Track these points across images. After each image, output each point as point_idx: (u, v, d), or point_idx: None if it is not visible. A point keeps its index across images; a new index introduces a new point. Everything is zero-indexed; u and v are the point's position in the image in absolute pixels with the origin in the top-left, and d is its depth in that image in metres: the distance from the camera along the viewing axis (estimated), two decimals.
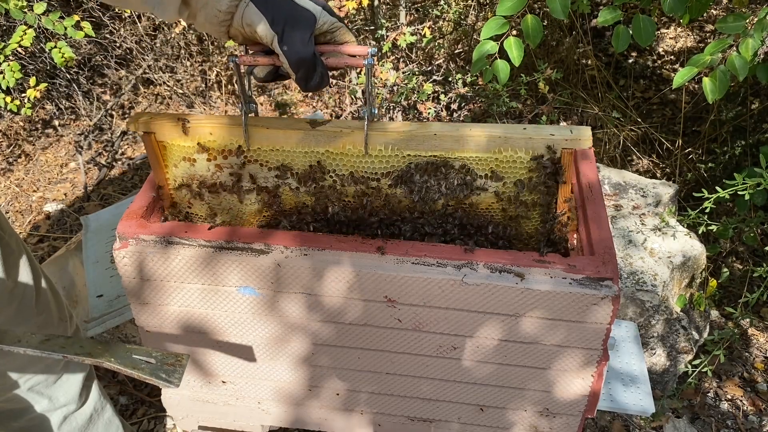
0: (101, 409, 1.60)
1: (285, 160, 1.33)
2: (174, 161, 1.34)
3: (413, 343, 1.34)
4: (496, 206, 1.35)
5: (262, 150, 1.31)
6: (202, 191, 1.38)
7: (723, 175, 3.09)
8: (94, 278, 2.22)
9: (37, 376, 1.41)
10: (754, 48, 1.73)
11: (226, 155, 1.33)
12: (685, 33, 4.06)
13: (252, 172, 1.35)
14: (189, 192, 1.38)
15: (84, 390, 1.54)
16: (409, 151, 1.28)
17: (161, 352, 1.09)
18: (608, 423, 2.23)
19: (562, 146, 1.24)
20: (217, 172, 1.35)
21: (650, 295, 2.09)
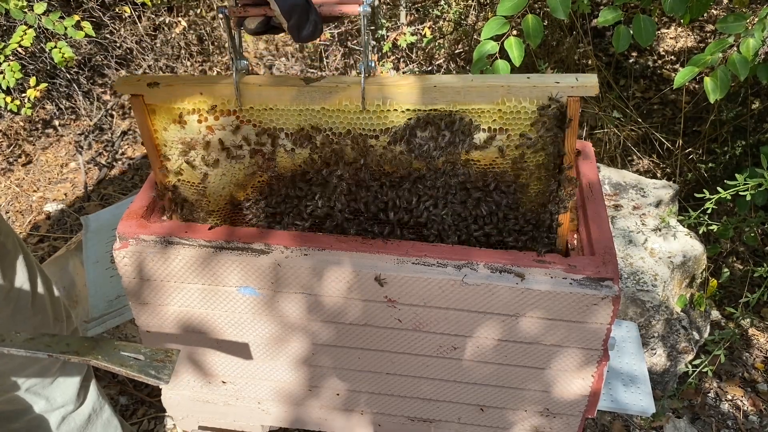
0: (99, 409, 1.60)
1: (279, 120, 1.25)
2: (164, 124, 1.28)
3: (413, 343, 1.34)
4: (499, 162, 1.27)
5: (254, 110, 1.24)
6: (193, 154, 1.31)
7: (723, 175, 3.08)
8: (94, 278, 2.22)
9: (34, 377, 1.40)
10: (755, 48, 1.73)
11: (218, 116, 1.26)
12: (685, 33, 4.06)
13: (245, 133, 1.28)
14: (180, 156, 1.31)
15: (82, 390, 1.53)
16: (408, 106, 1.20)
17: (150, 348, 1.06)
18: (608, 423, 2.23)
19: (567, 94, 1.16)
20: (209, 135, 1.28)
21: (650, 296, 2.09)
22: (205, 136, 1.27)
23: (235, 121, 1.25)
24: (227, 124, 1.26)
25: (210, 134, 1.27)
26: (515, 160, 1.25)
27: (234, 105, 1.23)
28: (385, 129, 1.23)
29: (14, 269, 1.35)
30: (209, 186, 1.34)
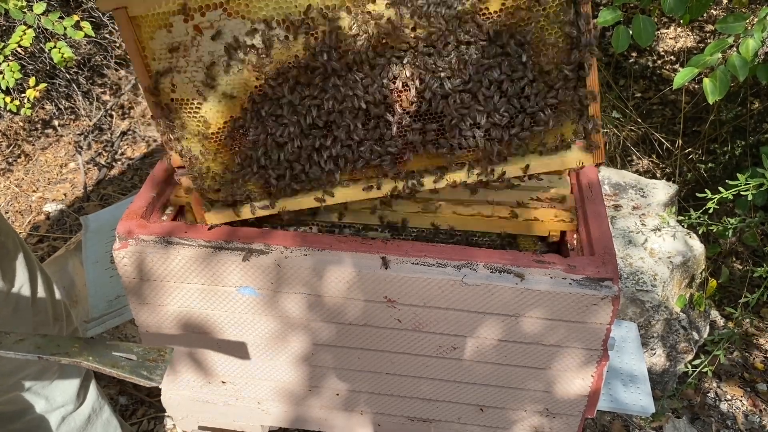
0: (99, 409, 1.60)
1: (269, 6, 1.17)
2: (150, 34, 1.20)
3: (413, 343, 1.34)
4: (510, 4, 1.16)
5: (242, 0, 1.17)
6: (182, 59, 1.22)
7: (723, 175, 3.08)
8: (94, 278, 2.22)
9: (33, 377, 1.40)
10: (755, 48, 1.73)
11: (204, 11, 1.18)
12: (684, 33, 4.06)
13: (234, 31, 1.19)
14: (169, 64, 1.22)
15: (82, 390, 1.53)
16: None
17: (143, 347, 1.03)
18: (608, 423, 2.23)
19: None
20: (197, 36, 1.20)
21: (650, 296, 2.09)
22: (194, 37, 1.20)
23: (223, 15, 1.18)
24: (214, 19, 1.19)
25: (198, 34, 1.20)
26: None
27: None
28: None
29: (14, 269, 1.35)
30: (205, 101, 1.26)
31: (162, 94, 1.25)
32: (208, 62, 1.22)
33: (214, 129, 1.28)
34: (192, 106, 1.26)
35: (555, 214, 1.38)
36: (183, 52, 1.21)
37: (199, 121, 1.27)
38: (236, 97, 1.25)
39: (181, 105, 1.26)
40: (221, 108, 1.26)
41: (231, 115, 1.26)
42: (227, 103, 1.26)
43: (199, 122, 1.27)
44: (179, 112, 1.27)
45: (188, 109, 1.26)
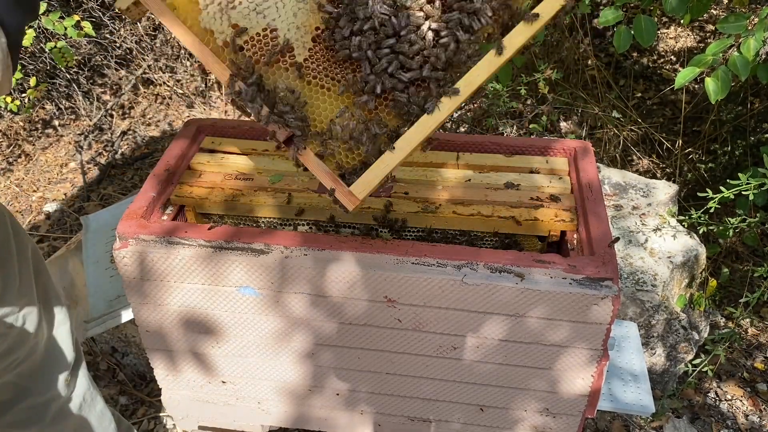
0: (91, 401, 1.58)
1: None
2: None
3: (413, 343, 1.34)
4: None
5: None
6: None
7: (723, 175, 3.08)
8: (94, 278, 2.21)
9: (18, 366, 1.38)
10: (756, 48, 1.73)
11: None
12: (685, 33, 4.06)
13: None
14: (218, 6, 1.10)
15: (71, 379, 1.51)
16: None
17: None
18: (608, 423, 2.23)
19: None
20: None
21: (650, 295, 2.09)
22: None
23: None
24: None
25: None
26: None
27: None
28: None
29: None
30: (278, 20, 1.11)
31: (225, 49, 1.09)
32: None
33: (305, 53, 1.12)
34: (268, 38, 1.11)
35: (555, 214, 1.38)
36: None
37: (284, 50, 1.11)
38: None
39: (256, 46, 1.11)
40: (301, 20, 1.11)
41: (316, 26, 1.11)
42: (304, 10, 1.11)
43: (287, 60, 1.11)
44: (257, 59, 1.10)
45: (266, 45, 1.11)
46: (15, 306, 1.32)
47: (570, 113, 3.57)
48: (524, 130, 3.54)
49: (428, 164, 1.55)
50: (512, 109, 3.58)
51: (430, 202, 1.41)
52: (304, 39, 1.11)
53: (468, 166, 1.55)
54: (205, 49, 1.08)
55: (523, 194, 1.44)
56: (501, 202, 1.42)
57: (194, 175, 1.51)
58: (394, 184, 1.26)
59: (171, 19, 1.07)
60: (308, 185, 1.46)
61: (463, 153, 1.58)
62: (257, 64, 1.10)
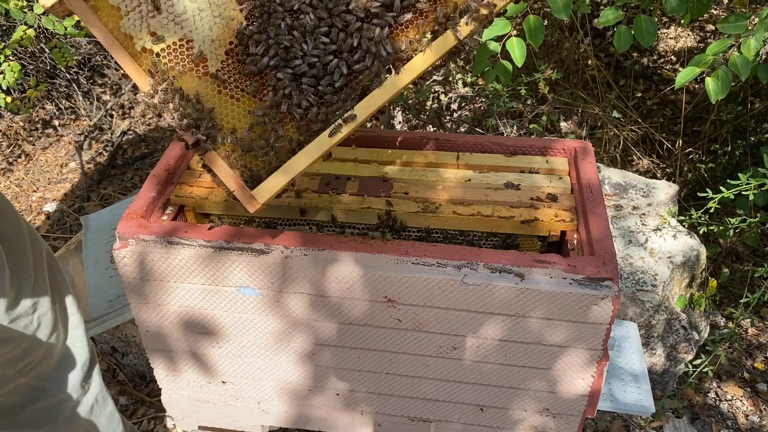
0: (103, 402, 1.58)
1: None
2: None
3: (413, 343, 1.34)
4: None
5: None
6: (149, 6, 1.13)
7: (723, 176, 3.08)
8: (94, 278, 2.22)
9: (34, 367, 1.39)
10: (756, 48, 1.73)
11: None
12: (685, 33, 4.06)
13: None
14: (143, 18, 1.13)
15: (84, 381, 1.52)
16: None
17: None
18: (608, 423, 2.23)
19: None
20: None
21: (650, 296, 2.09)
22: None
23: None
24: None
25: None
26: None
27: None
28: None
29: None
30: (195, 32, 1.15)
31: (142, 54, 1.15)
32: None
33: (217, 64, 1.17)
34: (184, 48, 1.15)
35: (555, 214, 1.38)
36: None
37: (197, 61, 1.16)
38: (226, 13, 1.15)
39: (172, 54, 1.15)
40: (216, 33, 1.16)
41: (229, 41, 1.16)
42: (219, 24, 1.15)
43: (197, 65, 1.16)
44: (172, 66, 1.15)
45: (181, 54, 1.16)
46: (30, 308, 1.32)
47: (570, 113, 3.57)
48: (524, 130, 3.54)
49: (428, 164, 1.55)
50: (512, 109, 3.58)
51: (430, 202, 1.41)
52: (217, 52, 1.16)
53: (468, 166, 1.55)
54: (123, 52, 1.14)
55: (523, 194, 1.44)
56: (501, 202, 1.42)
57: (194, 175, 1.51)
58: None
59: (92, 21, 1.12)
60: (308, 185, 1.46)
61: (463, 153, 1.58)
62: (172, 71, 1.16)
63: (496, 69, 2.05)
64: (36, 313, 1.33)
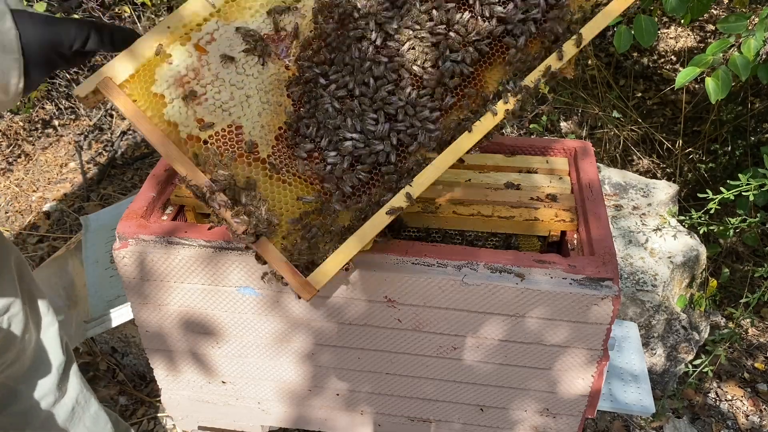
0: (85, 403, 1.57)
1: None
2: (149, 84, 1.09)
3: (413, 343, 1.34)
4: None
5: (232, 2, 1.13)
6: (197, 85, 1.11)
7: (723, 176, 3.08)
8: (94, 278, 2.21)
9: (6, 369, 1.38)
10: (756, 48, 1.73)
11: (200, 24, 1.11)
12: (685, 33, 4.06)
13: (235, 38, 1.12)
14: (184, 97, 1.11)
15: (62, 382, 1.50)
16: None
17: None
18: (608, 423, 2.23)
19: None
20: (202, 56, 1.12)
21: (650, 296, 2.09)
22: (200, 58, 1.12)
23: (220, 22, 1.12)
24: (213, 30, 1.11)
25: (203, 55, 1.12)
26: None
27: (209, 8, 1.11)
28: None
29: None
30: (243, 118, 1.12)
31: (188, 142, 1.10)
32: (228, 80, 1.12)
33: (268, 149, 1.14)
34: (233, 134, 1.12)
35: (555, 214, 1.38)
36: (195, 77, 1.11)
37: (248, 148, 1.12)
38: (274, 99, 1.14)
39: (220, 140, 1.12)
40: (266, 119, 1.14)
41: (279, 126, 1.14)
42: (268, 110, 1.14)
43: (251, 156, 1.12)
44: (221, 153, 1.11)
45: (230, 140, 1.12)
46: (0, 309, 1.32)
47: (570, 113, 3.57)
48: (524, 130, 3.54)
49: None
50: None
51: (430, 202, 1.41)
52: (268, 137, 1.14)
53: (468, 166, 1.55)
54: (168, 143, 1.09)
55: (523, 194, 1.44)
56: (501, 202, 1.42)
57: None
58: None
59: (133, 112, 1.08)
60: None
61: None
62: (222, 157, 1.11)
63: None
64: (6, 314, 1.33)
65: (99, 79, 1.07)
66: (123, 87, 1.08)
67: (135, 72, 1.09)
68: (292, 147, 1.14)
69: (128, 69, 1.08)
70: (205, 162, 1.09)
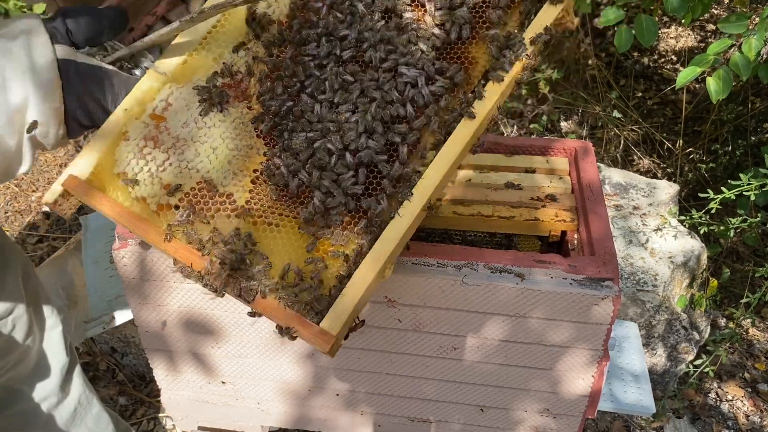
0: (87, 404, 1.57)
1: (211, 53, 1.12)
2: (111, 167, 1.07)
3: (413, 343, 1.34)
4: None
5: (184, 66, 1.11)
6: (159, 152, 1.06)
7: (724, 176, 3.08)
8: (94, 278, 2.21)
9: (11, 368, 1.38)
10: (757, 48, 1.72)
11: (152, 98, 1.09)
12: (686, 33, 4.05)
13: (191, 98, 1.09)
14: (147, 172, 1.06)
15: (65, 383, 1.51)
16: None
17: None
18: (609, 423, 2.22)
19: None
20: (161, 124, 1.08)
21: (651, 296, 2.09)
22: (157, 126, 1.07)
23: (174, 86, 1.10)
24: (167, 96, 1.09)
25: (161, 122, 1.08)
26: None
27: (162, 78, 1.10)
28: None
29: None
30: (212, 172, 1.06)
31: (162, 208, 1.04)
32: (188, 134, 1.07)
33: (245, 195, 1.06)
34: (204, 190, 1.06)
35: (555, 214, 1.38)
36: (155, 146, 1.06)
37: (227, 203, 1.05)
38: (243, 143, 1.08)
39: (192, 200, 1.05)
40: (236, 165, 1.07)
41: (253, 169, 1.07)
42: (238, 156, 1.07)
43: (228, 206, 1.05)
44: (200, 211, 1.04)
45: (201, 196, 1.05)
46: (3, 311, 1.32)
47: (570, 113, 3.57)
48: (525, 129, 3.54)
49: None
50: (513, 109, 3.58)
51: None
52: (242, 183, 1.06)
53: (468, 165, 1.55)
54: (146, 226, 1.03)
55: (524, 194, 1.44)
56: (501, 202, 1.42)
57: None
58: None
59: (100, 200, 1.04)
60: None
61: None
62: (195, 215, 1.04)
63: None
64: (10, 316, 1.33)
65: (63, 179, 1.03)
66: (90, 182, 1.04)
67: (97, 163, 1.05)
68: (273, 185, 1.06)
69: (91, 161, 1.05)
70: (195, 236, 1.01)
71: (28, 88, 0.93)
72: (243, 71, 1.12)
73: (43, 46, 0.94)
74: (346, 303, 0.96)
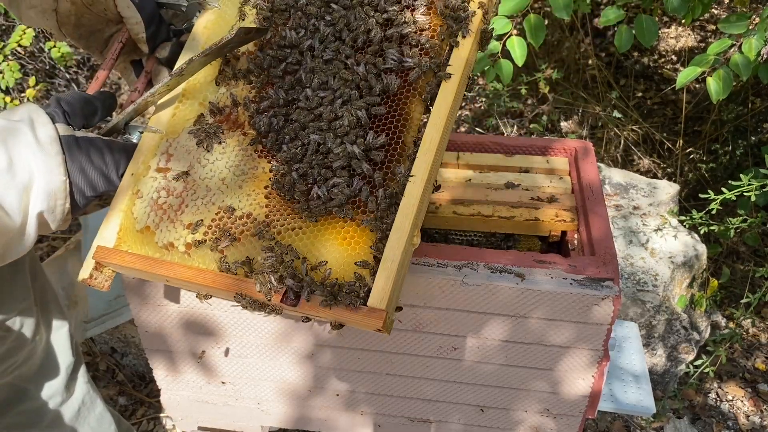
0: (91, 403, 1.58)
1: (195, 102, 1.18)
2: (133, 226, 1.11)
3: (413, 343, 1.34)
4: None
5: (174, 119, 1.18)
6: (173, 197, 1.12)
7: (724, 176, 3.08)
8: None
9: (16, 369, 1.39)
10: (757, 48, 1.72)
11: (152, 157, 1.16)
12: (686, 33, 4.05)
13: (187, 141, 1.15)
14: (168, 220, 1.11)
15: (70, 382, 1.52)
16: None
17: None
18: (609, 423, 2.22)
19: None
20: (167, 174, 1.14)
21: (651, 296, 2.09)
22: (165, 177, 1.14)
23: (170, 138, 1.17)
24: (166, 149, 1.16)
25: (167, 173, 1.14)
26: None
27: (157, 135, 1.17)
28: None
29: None
30: (228, 200, 1.10)
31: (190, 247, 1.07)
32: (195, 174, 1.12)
33: (263, 211, 1.08)
34: (224, 218, 1.09)
35: (556, 214, 1.37)
36: (168, 194, 1.12)
37: (248, 222, 1.08)
38: (248, 166, 1.12)
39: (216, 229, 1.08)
40: (249, 188, 1.10)
41: (264, 185, 1.10)
42: (247, 179, 1.11)
43: (250, 225, 1.07)
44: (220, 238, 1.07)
45: (224, 224, 1.08)
46: (12, 310, 1.32)
47: (570, 113, 3.57)
48: (525, 129, 3.54)
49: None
50: (513, 109, 3.58)
51: (430, 202, 1.41)
52: (257, 201, 1.09)
53: (468, 165, 1.55)
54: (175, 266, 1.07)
55: (524, 194, 1.43)
56: (501, 202, 1.42)
57: None
58: None
59: (132, 260, 1.08)
60: None
61: (463, 153, 1.58)
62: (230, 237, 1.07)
63: (496, 68, 2.04)
64: (18, 315, 1.34)
65: (93, 252, 1.11)
66: (118, 247, 1.10)
67: (120, 227, 1.12)
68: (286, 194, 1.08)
69: (114, 227, 1.12)
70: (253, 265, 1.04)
71: (36, 163, 0.99)
72: (229, 104, 1.17)
73: (44, 125, 1.02)
74: (386, 276, 0.96)
